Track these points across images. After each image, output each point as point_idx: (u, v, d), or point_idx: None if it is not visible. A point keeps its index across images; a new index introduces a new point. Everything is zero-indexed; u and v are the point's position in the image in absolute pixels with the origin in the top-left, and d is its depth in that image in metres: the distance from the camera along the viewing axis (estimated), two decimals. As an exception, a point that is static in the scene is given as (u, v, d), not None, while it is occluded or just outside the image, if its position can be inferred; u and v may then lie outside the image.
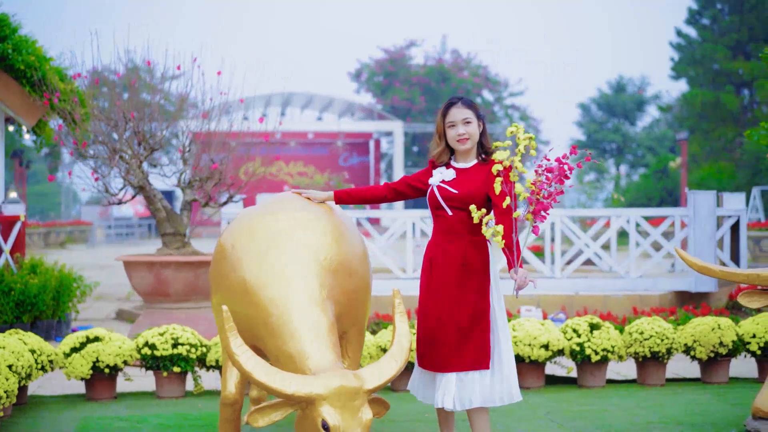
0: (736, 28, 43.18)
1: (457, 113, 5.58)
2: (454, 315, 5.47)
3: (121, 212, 46.89)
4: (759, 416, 6.55)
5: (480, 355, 5.42)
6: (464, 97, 5.68)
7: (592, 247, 13.07)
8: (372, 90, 51.93)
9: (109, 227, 42.81)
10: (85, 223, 40.36)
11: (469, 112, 5.57)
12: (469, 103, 5.62)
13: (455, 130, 5.57)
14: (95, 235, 39.14)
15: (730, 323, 8.46)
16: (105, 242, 40.07)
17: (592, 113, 57.16)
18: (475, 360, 5.42)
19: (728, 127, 42.22)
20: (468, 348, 5.42)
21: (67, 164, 47.09)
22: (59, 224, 38.02)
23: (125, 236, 43.11)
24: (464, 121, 5.55)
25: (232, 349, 4.83)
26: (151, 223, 46.14)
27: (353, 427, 4.74)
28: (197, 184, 10.51)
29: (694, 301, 12.74)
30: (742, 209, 13.26)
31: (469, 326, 5.44)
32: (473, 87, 50.03)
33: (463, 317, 5.45)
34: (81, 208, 54.22)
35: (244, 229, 5.55)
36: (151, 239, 43.58)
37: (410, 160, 51.01)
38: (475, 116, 5.58)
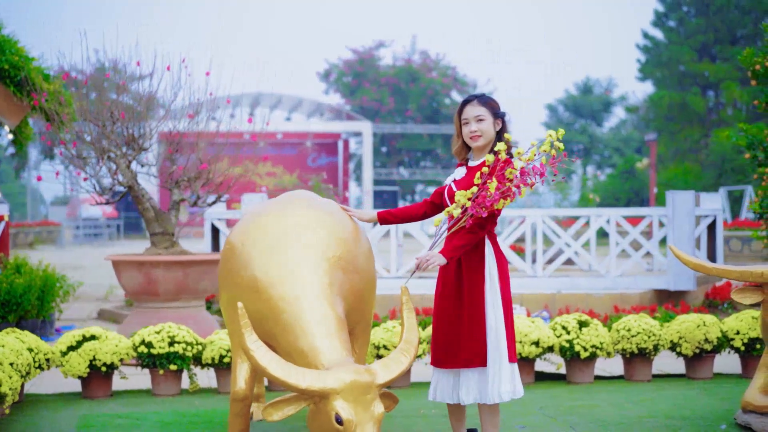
0: (702, 30, 43.69)
1: (470, 110, 5.63)
2: (452, 313, 5.58)
3: (89, 213, 46.67)
4: (749, 410, 6.72)
5: (475, 354, 5.49)
6: (482, 95, 5.73)
7: (573, 246, 13.26)
8: (341, 90, 52.04)
9: (77, 228, 42.57)
10: (53, 224, 40.13)
11: (482, 109, 5.61)
12: (485, 101, 5.66)
13: (468, 127, 5.63)
14: (64, 235, 38.92)
15: (715, 320, 8.64)
16: (73, 243, 39.86)
17: (559, 114, 57.62)
18: (470, 358, 5.50)
19: (694, 128, 42.72)
20: (463, 346, 5.51)
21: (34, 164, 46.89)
22: (27, 225, 37.77)
23: (94, 237, 42.88)
24: (477, 119, 5.60)
25: (247, 344, 4.93)
26: (120, 224, 46.00)
27: (366, 420, 4.85)
28: (184, 184, 10.55)
29: (672, 300, 12.96)
30: (718, 209, 13.50)
31: (464, 323, 5.54)
32: (442, 88, 50.26)
33: (460, 315, 5.55)
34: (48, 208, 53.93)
35: (254, 227, 5.64)
36: (120, 240, 43.46)
37: (379, 160, 51.14)
38: (491, 114, 5.62)
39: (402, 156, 52.36)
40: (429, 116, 50.60)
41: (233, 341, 5.78)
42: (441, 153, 51.48)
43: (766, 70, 10.68)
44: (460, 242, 5.41)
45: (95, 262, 25.92)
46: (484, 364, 5.48)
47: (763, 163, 10.74)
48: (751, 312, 8.77)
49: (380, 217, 6.03)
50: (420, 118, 50.31)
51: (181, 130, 10.58)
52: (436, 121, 49.89)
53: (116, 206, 47.15)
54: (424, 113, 50.57)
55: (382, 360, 5.13)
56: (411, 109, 50.04)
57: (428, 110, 50.71)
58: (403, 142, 50.62)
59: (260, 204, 6.09)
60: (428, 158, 52.75)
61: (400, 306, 5.47)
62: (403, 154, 52.34)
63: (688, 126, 42.71)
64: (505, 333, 5.54)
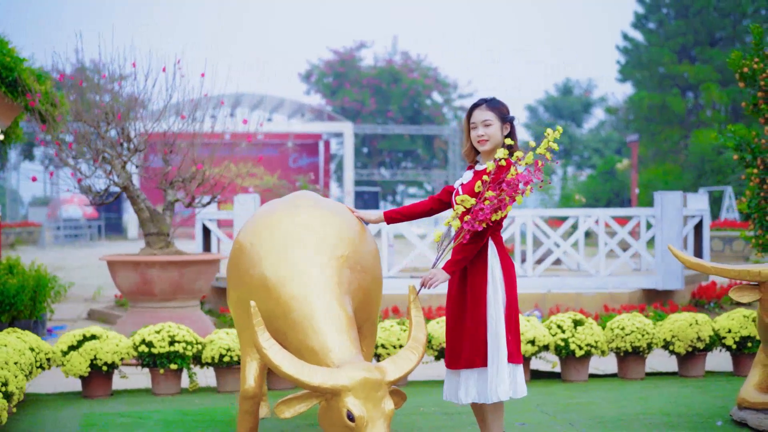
0: (681, 32, 43.96)
1: (478, 115, 5.68)
2: (456, 314, 5.66)
3: (69, 213, 46.48)
4: (744, 406, 6.85)
5: (475, 354, 5.54)
6: (491, 99, 5.76)
7: (562, 246, 13.38)
8: (322, 91, 52.06)
9: (57, 228, 42.38)
10: (33, 225, 39.93)
11: (490, 114, 5.65)
12: (493, 106, 5.69)
13: (476, 131, 5.67)
14: (44, 236, 38.76)
15: (707, 319, 8.77)
16: (54, 244, 39.69)
17: (539, 115, 57.87)
18: (469, 359, 5.56)
19: (674, 129, 42.99)
20: (463, 347, 5.58)
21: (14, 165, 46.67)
22: (7, 225, 37.59)
23: (74, 237, 42.70)
24: (484, 123, 5.64)
25: (260, 342, 5.01)
26: (101, 225, 45.84)
27: (377, 417, 4.94)
28: (179, 185, 10.61)
29: (660, 299, 13.10)
30: (705, 209, 13.67)
31: (465, 325, 5.59)
32: (423, 88, 50.36)
33: (463, 316, 5.62)
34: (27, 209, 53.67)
35: (263, 226, 5.71)
36: (101, 241, 43.30)
37: (360, 161, 51.21)
38: (499, 118, 5.65)
39: (383, 157, 52.46)
40: (410, 117, 50.71)
41: (242, 339, 5.86)
42: (422, 154, 51.60)
43: (754, 73, 10.81)
44: (460, 255, 5.48)
45: (78, 263, 25.90)
46: (484, 365, 5.53)
47: (751, 164, 10.88)
48: (742, 311, 8.91)
49: (387, 217, 6.08)
50: (401, 118, 50.41)
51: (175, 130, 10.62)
52: (417, 122, 50.00)
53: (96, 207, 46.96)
54: (405, 114, 50.67)
55: (392, 357, 5.22)
56: (392, 110, 50.13)
57: (409, 111, 50.81)
58: (384, 142, 50.70)
59: (267, 204, 6.16)
60: (409, 159, 52.86)
61: (408, 305, 5.55)
62: (384, 154, 52.44)
63: (668, 127, 42.97)
64: (509, 333, 5.60)
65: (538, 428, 6.81)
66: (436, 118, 50.81)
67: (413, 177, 50.00)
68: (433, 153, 51.15)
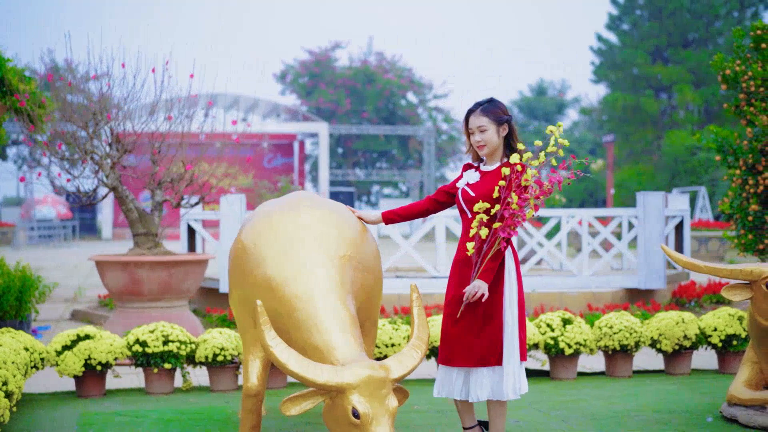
0: (655, 33, 44.35)
1: (473, 121, 5.74)
2: (468, 313, 5.66)
3: (42, 214, 46.22)
4: (734, 403, 6.99)
5: (490, 353, 5.62)
6: (485, 103, 5.78)
7: (546, 246, 13.50)
8: (297, 91, 52.05)
9: (31, 229, 42.16)
10: (7, 225, 39.74)
11: (484, 119, 5.69)
12: (488, 110, 5.72)
13: (473, 137, 5.75)
14: (18, 237, 38.55)
15: (693, 317, 8.90)
16: (28, 244, 39.48)
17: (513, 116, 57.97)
18: (484, 357, 5.62)
19: (648, 130, 43.36)
20: (478, 346, 5.62)
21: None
22: (-18, 226, 37.40)
23: (48, 238, 42.49)
24: (479, 129, 5.70)
25: (267, 341, 5.07)
26: (75, 225, 45.64)
27: (381, 414, 5.01)
28: (167, 185, 10.64)
29: (642, 298, 13.25)
30: (686, 210, 13.83)
31: (481, 325, 5.63)
32: (398, 89, 50.45)
33: (476, 316, 5.64)
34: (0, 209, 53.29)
35: (266, 226, 5.77)
36: (76, 241, 43.12)
37: (335, 161, 51.25)
38: (494, 122, 5.68)
39: (358, 157, 52.51)
40: (385, 117, 50.81)
41: (244, 338, 5.91)
42: (397, 154, 51.69)
43: (736, 75, 10.96)
44: (496, 262, 5.55)
45: (54, 263, 25.82)
46: (499, 363, 5.63)
47: (733, 165, 11.03)
48: (728, 309, 9.04)
49: (385, 218, 6.17)
50: (376, 119, 50.49)
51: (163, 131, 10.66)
52: (392, 123, 50.09)
53: (70, 207, 46.79)
54: (380, 114, 50.76)
55: (395, 355, 5.29)
56: (367, 111, 50.20)
57: (384, 111, 50.91)
58: (359, 143, 50.78)
59: (267, 204, 6.21)
60: (384, 159, 52.94)
61: (410, 303, 5.63)
62: (359, 155, 52.50)
63: (642, 128, 43.35)
64: (521, 333, 5.72)
65: (533, 425, 6.90)
66: (411, 118, 50.93)
67: (388, 177, 50.09)
68: (408, 153, 51.27)
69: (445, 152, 52.19)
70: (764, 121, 10.62)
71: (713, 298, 13.61)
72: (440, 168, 52.54)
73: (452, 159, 53.22)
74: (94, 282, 19.83)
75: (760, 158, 10.75)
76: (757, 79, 10.79)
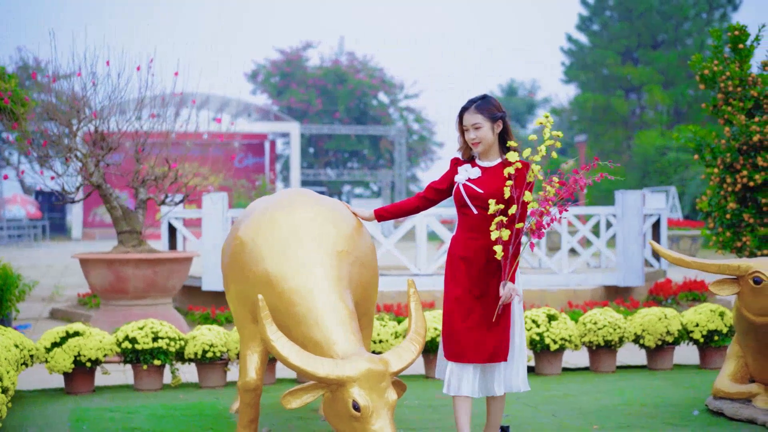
0: (625, 34, 44.69)
1: (468, 119, 5.73)
2: (478, 311, 5.64)
3: (12, 213, 45.88)
4: (720, 396, 7.12)
5: (500, 349, 5.65)
6: (480, 100, 5.78)
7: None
8: (268, 91, 51.97)
9: (0, 229, 41.85)
10: (-25, 225, 39.45)
11: (479, 117, 5.68)
12: (482, 107, 5.71)
13: (468, 134, 5.73)
14: (-13, 236, 38.30)
15: (676, 313, 9.04)
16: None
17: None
18: (495, 353, 5.64)
19: (618, 130, 43.67)
20: (489, 342, 5.62)
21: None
22: (-51, 225, 37.08)
23: (18, 238, 42.19)
24: (474, 126, 5.69)
25: (268, 335, 5.14)
26: (45, 225, 45.35)
27: (381, 407, 5.10)
28: (151, 183, 10.66)
29: (621, 295, 13.39)
30: (663, 208, 14.00)
31: (490, 322, 5.62)
32: (370, 89, 50.50)
33: (484, 313, 5.63)
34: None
35: (264, 222, 5.83)
36: (46, 241, 42.84)
37: (306, 161, 51.22)
38: (488, 119, 5.68)
39: (329, 157, 52.51)
40: (357, 117, 50.84)
41: (242, 333, 5.96)
42: (368, 154, 51.74)
43: (714, 75, 11.12)
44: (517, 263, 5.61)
45: (26, 263, 25.64)
46: (505, 359, 5.69)
47: (711, 164, 11.19)
48: (709, 305, 9.18)
49: (377, 215, 6.17)
50: (348, 119, 50.53)
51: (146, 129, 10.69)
52: (363, 122, 50.13)
53: (40, 207, 46.51)
54: (351, 114, 50.79)
55: (394, 349, 5.38)
56: (339, 111, 50.23)
57: (356, 111, 50.94)
58: (331, 143, 50.76)
59: (265, 201, 6.26)
60: (355, 159, 52.97)
61: (407, 298, 5.70)
62: (330, 155, 52.51)
63: (612, 128, 43.67)
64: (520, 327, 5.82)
65: (523, 420, 7.00)
66: (382, 118, 50.98)
67: (359, 177, 50.13)
68: (379, 153, 51.31)
69: (416, 152, 52.29)
70: (742, 120, 10.79)
71: (689, 296, 13.79)
72: (411, 168, 52.63)
73: (423, 159, 53.31)
74: (69, 281, 19.79)
75: (738, 157, 10.92)
76: (735, 79, 10.96)
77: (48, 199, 49.90)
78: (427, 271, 12.95)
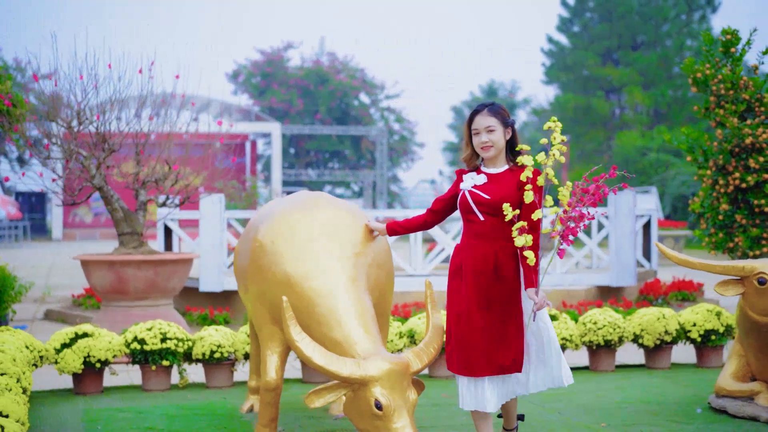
0: (605, 36, 45.00)
1: (481, 121, 5.60)
2: (486, 320, 5.48)
3: (-8, 214, 45.65)
4: (722, 394, 7.28)
5: (512, 359, 5.48)
6: (492, 104, 5.68)
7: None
8: (249, 91, 51.96)
9: (-20, 230, 41.66)
10: (-44, 226, 39.26)
11: (493, 119, 5.58)
12: (495, 111, 5.62)
13: (479, 138, 5.60)
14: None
15: (673, 313, 9.20)
16: (-21, 245, 39.03)
17: (464, 116, 58.44)
18: (506, 365, 5.48)
19: (598, 131, 43.96)
20: (500, 352, 5.46)
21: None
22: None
23: (-3, 238, 42.02)
24: (487, 130, 5.57)
25: (292, 336, 5.26)
26: (26, 226, 45.18)
27: (402, 406, 5.24)
28: (151, 185, 10.73)
29: (613, 295, 13.56)
30: (653, 209, 14.18)
31: (501, 331, 5.47)
32: (351, 90, 50.57)
33: (494, 322, 5.48)
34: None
35: (284, 225, 5.94)
36: (27, 242, 42.68)
37: (287, 161, 51.24)
38: (501, 123, 5.59)
39: (310, 157, 52.55)
40: (338, 118, 50.90)
41: (262, 333, 6.06)
42: (349, 154, 51.82)
43: (706, 78, 11.29)
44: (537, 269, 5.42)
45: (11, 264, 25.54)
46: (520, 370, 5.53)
47: (703, 165, 11.35)
48: (706, 305, 9.35)
49: (389, 229, 6.05)
50: (329, 119, 50.58)
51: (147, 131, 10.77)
52: (344, 123, 50.20)
53: (20, 208, 46.32)
54: (333, 115, 50.84)
55: (413, 349, 5.51)
56: (320, 111, 50.27)
57: (337, 112, 51.00)
58: (312, 143, 50.81)
59: (281, 203, 6.36)
60: (336, 159, 53.05)
61: (425, 300, 5.82)
62: (311, 155, 52.55)
63: (593, 129, 43.96)
64: None
65: (531, 417, 7.12)
66: (364, 118, 51.06)
67: (341, 177, 50.19)
68: (360, 153, 51.40)
69: (398, 152, 52.40)
70: (734, 123, 10.95)
71: (678, 296, 13.99)
72: (392, 168, 52.75)
73: (404, 159, 53.44)
74: (56, 282, 19.79)
75: (730, 159, 11.08)
76: (727, 83, 11.12)
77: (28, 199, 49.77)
78: (422, 272, 13.08)
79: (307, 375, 8.60)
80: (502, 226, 5.48)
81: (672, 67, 43.91)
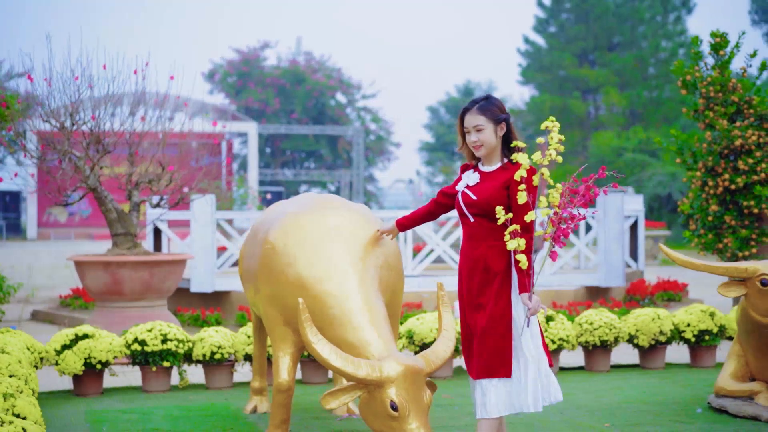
0: (582, 36, 45.22)
1: (470, 120, 5.44)
2: (477, 321, 5.38)
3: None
4: (722, 394, 7.37)
5: (496, 363, 5.31)
6: (482, 101, 5.48)
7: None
8: (226, 91, 51.83)
9: (-43, 231, 41.36)
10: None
11: (481, 118, 5.38)
12: (485, 108, 5.42)
13: (469, 137, 5.45)
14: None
15: (668, 314, 9.29)
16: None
17: (440, 116, 58.61)
18: (491, 367, 5.32)
19: (575, 131, 44.15)
20: (484, 354, 5.33)
21: None
22: None
23: (-27, 239, 41.69)
24: (476, 129, 5.40)
25: (309, 337, 5.30)
26: (1, 225, 44.88)
27: (417, 406, 5.27)
28: (144, 185, 10.73)
29: (602, 296, 13.66)
30: (640, 210, 14.28)
31: (486, 332, 5.32)
32: (327, 89, 50.55)
33: (481, 323, 5.35)
34: None
35: (295, 227, 5.97)
36: (2, 241, 42.40)
37: (263, 161, 51.16)
38: (491, 120, 5.37)
39: (287, 157, 52.51)
40: (314, 117, 50.87)
41: (274, 335, 6.08)
42: (325, 154, 51.79)
43: (696, 80, 11.41)
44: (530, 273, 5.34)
45: (-8, 264, 25.41)
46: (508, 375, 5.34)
47: (692, 167, 11.48)
48: (700, 306, 9.44)
49: (399, 224, 6.02)
50: (306, 119, 50.54)
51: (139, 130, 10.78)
52: (321, 122, 50.17)
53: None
54: (309, 114, 50.81)
55: (427, 351, 5.55)
56: (296, 111, 50.23)
57: (314, 111, 50.96)
58: (288, 142, 50.75)
59: (289, 205, 6.39)
60: (313, 159, 53.02)
61: (437, 301, 5.87)
62: (287, 154, 52.50)
63: (569, 129, 44.14)
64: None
65: (533, 418, 7.17)
66: (340, 118, 51.05)
67: (317, 177, 50.13)
68: (336, 153, 51.37)
69: (374, 152, 52.44)
70: (724, 125, 11.08)
71: (664, 296, 14.12)
72: (369, 168, 52.78)
73: (381, 159, 53.47)
74: (39, 282, 19.71)
75: (719, 161, 11.21)
76: (716, 85, 11.25)
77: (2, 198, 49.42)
78: (413, 273, 13.12)
79: (306, 376, 8.63)
80: (491, 227, 5.35)
81: (647, 68, 44.23)
